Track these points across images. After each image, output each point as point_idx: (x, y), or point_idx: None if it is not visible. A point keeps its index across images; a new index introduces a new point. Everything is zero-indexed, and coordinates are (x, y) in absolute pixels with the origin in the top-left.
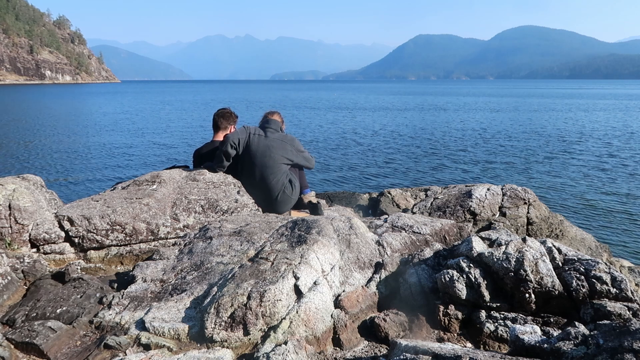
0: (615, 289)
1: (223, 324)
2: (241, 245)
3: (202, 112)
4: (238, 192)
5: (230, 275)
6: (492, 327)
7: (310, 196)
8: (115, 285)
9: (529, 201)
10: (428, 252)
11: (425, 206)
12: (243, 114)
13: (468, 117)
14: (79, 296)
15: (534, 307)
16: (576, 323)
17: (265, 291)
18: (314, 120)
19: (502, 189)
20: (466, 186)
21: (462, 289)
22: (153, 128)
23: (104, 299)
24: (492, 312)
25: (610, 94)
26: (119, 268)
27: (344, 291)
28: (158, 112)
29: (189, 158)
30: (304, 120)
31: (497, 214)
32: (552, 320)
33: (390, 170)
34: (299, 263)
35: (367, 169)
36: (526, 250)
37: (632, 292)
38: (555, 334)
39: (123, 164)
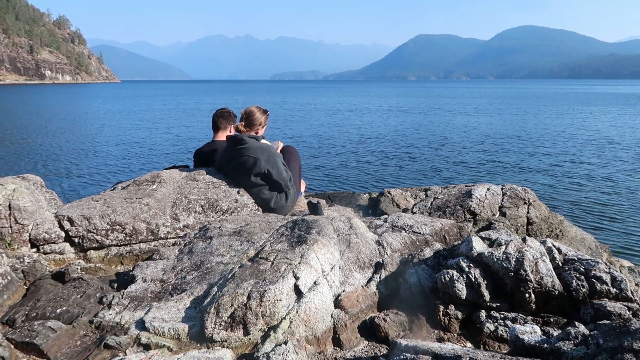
0: (615, 289)
1: (223, 323)
2: (241, 245)
3: (202, 112)
4: (238, 192)
5: (230, 275)
6: (492, 327)
7: (299, 201)
8: (115, 285)
9: (529, 201)
10: (428, 252)
11: (425, 206)
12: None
13: (468, 117)
14: (79, 296)
15: (534, 307)
16: (576, 323)
17: (265, 291)
18: (313, 120)
19: (502, 189)
20: (466, 186)
21: (462, 289)
22: (153, 128)
23: (104, 299)
24: (492, 312)
25: (608, 94)
26: (119, 268)
27: (344, 291)
28: (158, 113)
29: (189, 158)
30: (303, 120)
31: (497, 214)
32: (552, 320)
33: (390, 170)
34: (299, 263)
35: (367, 169)
36: (526, 250)
37: (632, 292)
38: (555, 334)
39: (123, 164)
